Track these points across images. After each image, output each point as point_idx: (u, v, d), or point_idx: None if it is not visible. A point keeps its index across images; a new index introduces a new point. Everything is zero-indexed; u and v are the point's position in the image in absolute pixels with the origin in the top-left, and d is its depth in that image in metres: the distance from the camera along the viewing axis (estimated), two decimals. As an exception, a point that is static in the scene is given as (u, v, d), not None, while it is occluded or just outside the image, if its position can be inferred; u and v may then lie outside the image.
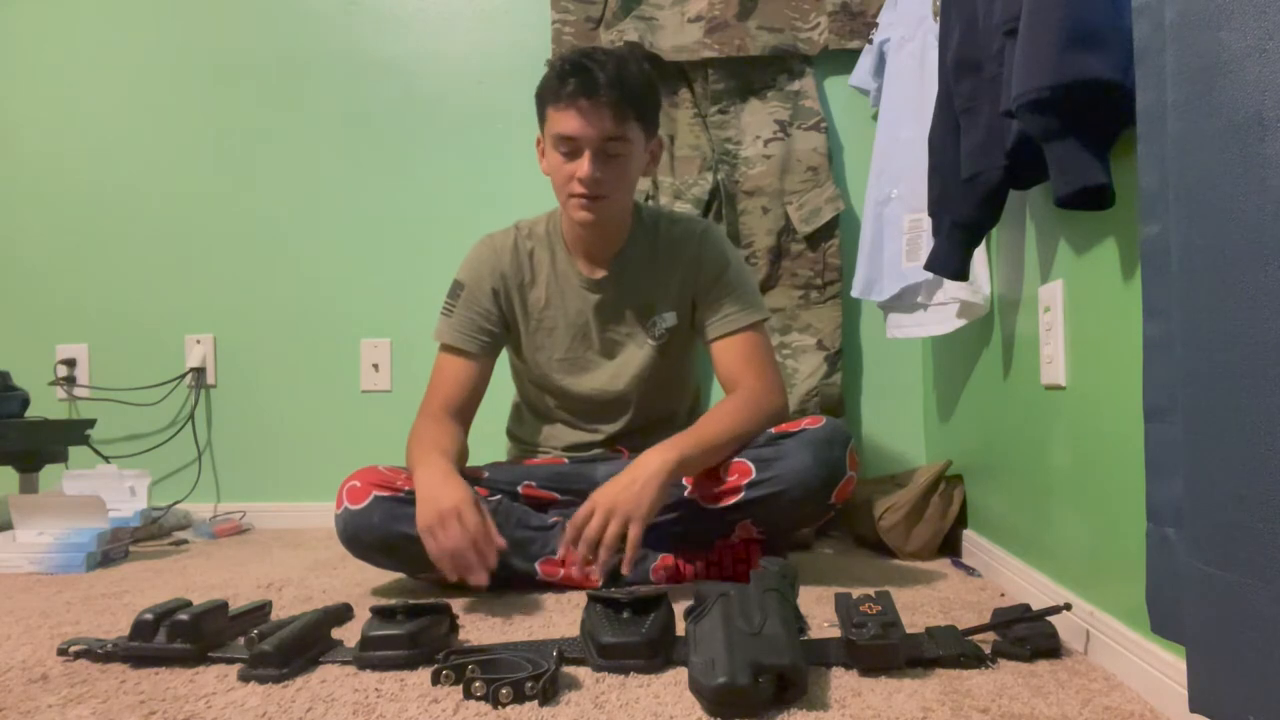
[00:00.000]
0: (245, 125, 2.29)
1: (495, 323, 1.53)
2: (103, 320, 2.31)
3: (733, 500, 1.35)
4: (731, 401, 1.43)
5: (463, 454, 1.43)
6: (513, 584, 1.37)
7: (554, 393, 1.57)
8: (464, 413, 1.50)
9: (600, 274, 1.53)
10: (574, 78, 1.35)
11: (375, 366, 2.23)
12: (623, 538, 1.23)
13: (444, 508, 1.22)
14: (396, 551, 1.33)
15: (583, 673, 0.94)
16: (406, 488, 1.35)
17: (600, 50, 1.43)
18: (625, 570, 1.25)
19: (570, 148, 1.39)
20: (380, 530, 1.32)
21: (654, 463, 1.28)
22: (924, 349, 2.05)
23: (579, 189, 1.39)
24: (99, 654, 1.01)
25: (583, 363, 1.55)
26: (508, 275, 1.53)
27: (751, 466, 1.35)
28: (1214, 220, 0.54)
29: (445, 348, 1.52)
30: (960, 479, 1.68)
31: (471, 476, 1.44)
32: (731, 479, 1.35)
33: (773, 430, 1.39)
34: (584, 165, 1.37)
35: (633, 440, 1.56)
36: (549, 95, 1.40)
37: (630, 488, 1.25)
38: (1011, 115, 0.96)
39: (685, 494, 1.38)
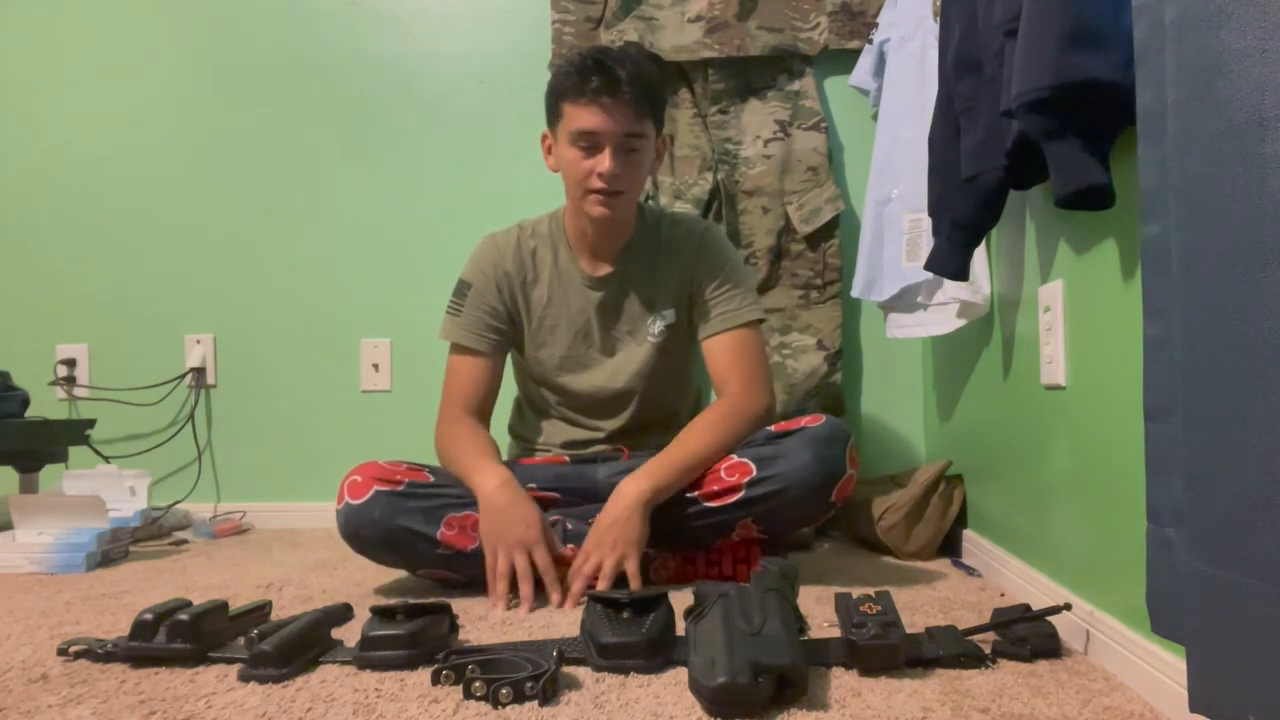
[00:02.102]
0: (245, 124, 2.29)
1: (503, 320, 1.54)
2: (103, 320, 2.31)
3: (733, 499, 1.35)
4: (711, 414, 1.44)
5: (497, 454, 1.46)
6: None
7: (555, 390, 1.57)
8: (483, 412, 1.52)
9: (602, 272, 1.54)
10: (596, 75, 1.37)
11: (375, 366, 2.23)
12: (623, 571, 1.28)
13: (523, 537, 1.28)
14: (398, 546, 1.34)
15: (583, 673, 0.94)
16: (407, 480, 1.36)
17: (614, 50, 1.45)
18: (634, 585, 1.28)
19: (590, 143, 1.40)
20: (381, 525, 1.32)
21: (630, 496, 1.31)
22: (924, 349, 2.05)
23: (598, 184, 1.40)
24: (99, 654, 1.01)
25: (584, 360, 1.55)
26: (511, 273, 1.54)
27: (752, 465, 1.35)
28: (1214, 220, 0.54)
29: (457, 348, 1.53)
30: (960, 479, 1.68)
31: None
32: (732, 478, 1.35)
33: (772, 429, 1.39)
34: (605, 161, 1.39)
35: (633, 438, 1.57)
36: (568, 91, 1.40)
37: (614, 527, 1.29)
38: (1011, 115, 0.96)
39: (686, 494, 1.38)
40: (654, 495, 1.32)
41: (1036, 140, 0.92)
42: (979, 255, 1.38)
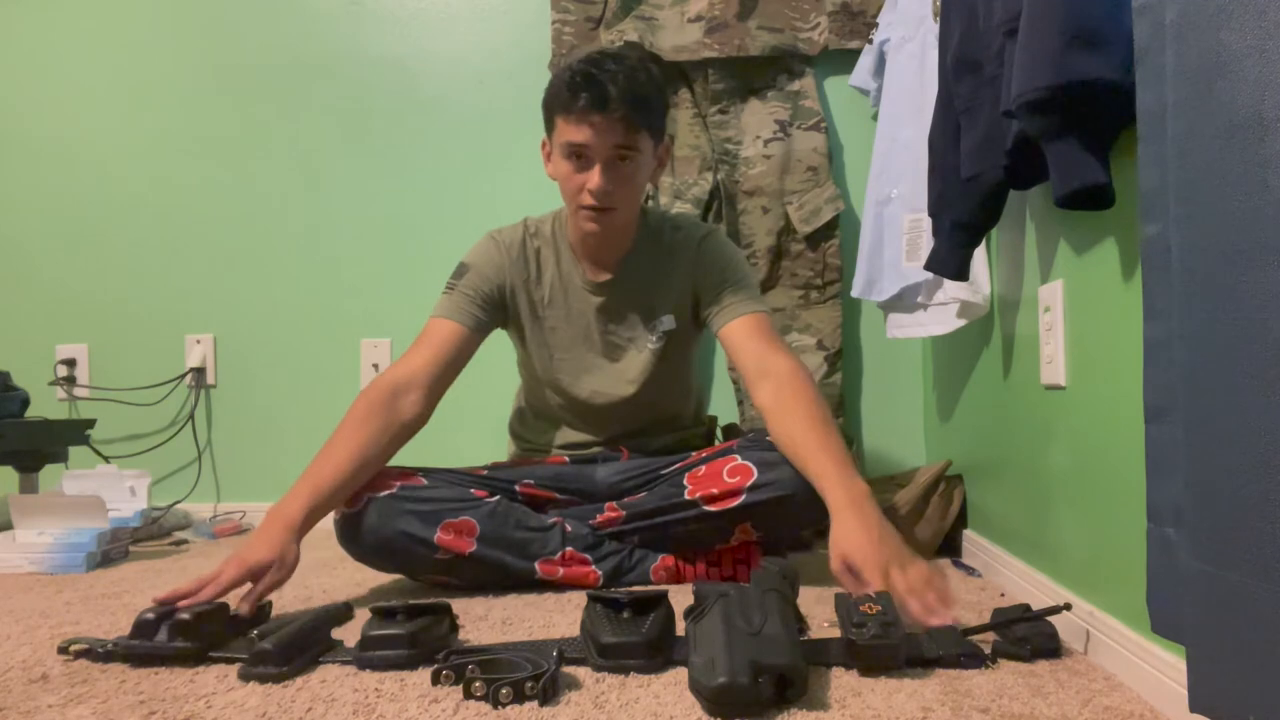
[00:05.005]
0: (245, 124, 2.29)
1: (493, 306, 1.50)
2: (103, 320, 2.31)
3: (734, 503, 1.34)
4: (800, 400, 1.32)
5: (393, 443, 1.37)
6: (512, 584, 1.37)
7: (556, 390, 1.57)
8: (436, 380, 1.42)
9: (603, 278, 1.53)
10: (586, 91, 1.34)
11: (375, 366, 2.23)
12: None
13: (244, 553, 1.22)
14: (395, 552, 1.33)
15: (583, 673, 0.94)
16: (399, 484, 1.35)
17: (609, 58, 1.39)
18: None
19: (581, 158, 1.39)
20: (378, 530, 1.32)
21: (867, 505, 1.17)
22: (924, 349, 2.05)
23: (588, 200, 1.39)
24: (99, 654, 1.01)
25: (584, 364, 1.55)
26: (513, 271, 1.52)
27: (754, 469, 1.35)
28: (1214, 220, 0.54)
29: (439, 317, 1.48)
30: (960, 479, 1.68)
31: (471, 475, 1.45)
32: (734, 480, 1.35)
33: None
34: (594, 177, 1.37)
35: (633, 440, 1.56)
36: (559, 105, 1.38)
37: (880, 539, 1.12)
38: (1011, 115, 0.96)
39: (686, 496, 1.38)
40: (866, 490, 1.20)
41: (1036, 140, 0.92)
42: (979, 255, 1.38)
